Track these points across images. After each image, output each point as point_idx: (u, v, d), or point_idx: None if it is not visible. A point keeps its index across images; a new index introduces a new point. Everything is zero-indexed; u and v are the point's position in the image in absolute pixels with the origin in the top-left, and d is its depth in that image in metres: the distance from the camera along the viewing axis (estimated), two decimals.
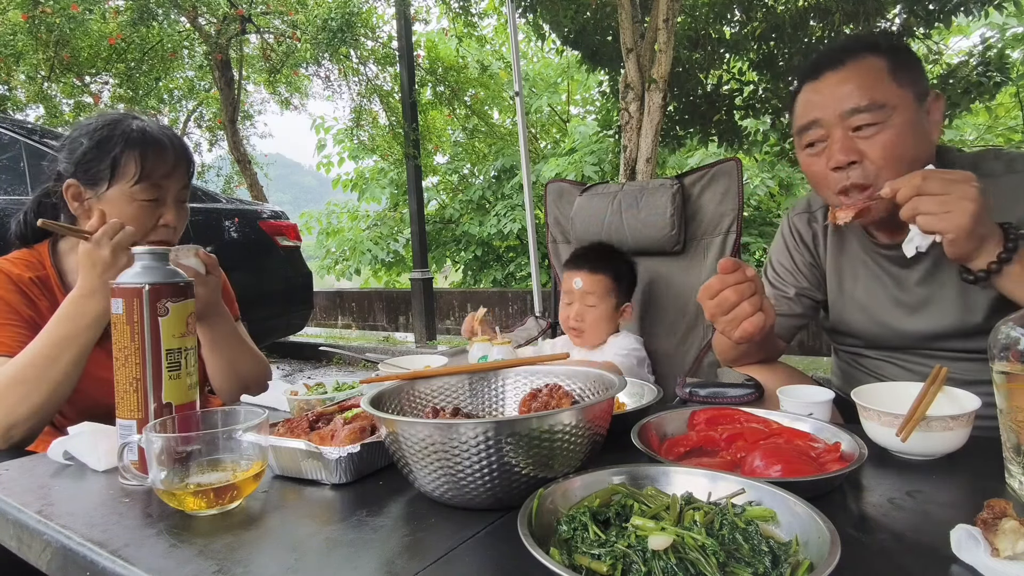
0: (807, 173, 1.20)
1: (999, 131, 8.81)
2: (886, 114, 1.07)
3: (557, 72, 11.24)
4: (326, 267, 10.55)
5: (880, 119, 1.07)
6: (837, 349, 1.47)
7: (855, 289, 1.30)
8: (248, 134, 11.07)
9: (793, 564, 0.55)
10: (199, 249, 1.25)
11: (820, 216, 1.38)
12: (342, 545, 0.67)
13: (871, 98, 1.07)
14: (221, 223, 4.25)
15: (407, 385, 0.95)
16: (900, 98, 1.08)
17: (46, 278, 1.29)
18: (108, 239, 1.12)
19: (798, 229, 1.41)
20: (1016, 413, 0.75)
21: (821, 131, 1.13)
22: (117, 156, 1.22)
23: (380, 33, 8.16)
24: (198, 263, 1.23)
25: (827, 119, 1.12)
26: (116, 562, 0.65)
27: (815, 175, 1.17)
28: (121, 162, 1.22)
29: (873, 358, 1.34)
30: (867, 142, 1.09)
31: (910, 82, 1.09)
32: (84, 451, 0.93)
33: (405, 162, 7.18)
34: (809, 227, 1.40)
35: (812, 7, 5.57)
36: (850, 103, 1.09)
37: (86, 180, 1.24)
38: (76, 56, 7.72)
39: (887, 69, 1.09)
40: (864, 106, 1.07)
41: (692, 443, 0.89)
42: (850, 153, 1.09)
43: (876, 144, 1.08)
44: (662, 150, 6.33)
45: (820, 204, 1.39)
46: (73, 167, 1.24)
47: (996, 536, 0.58)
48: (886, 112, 1.07)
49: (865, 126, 1.08)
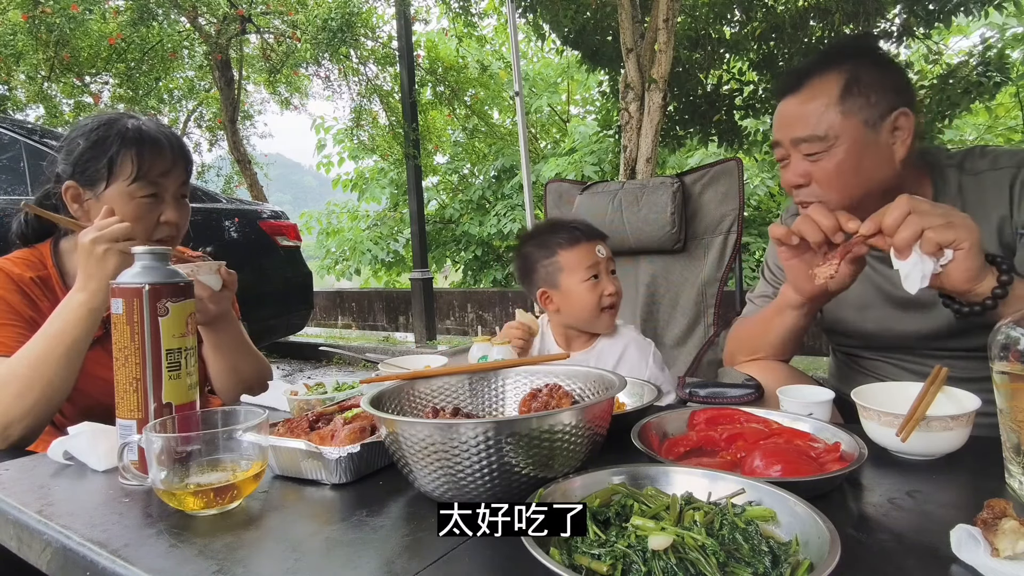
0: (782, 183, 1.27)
1: (999, 131, 8.81)
2: (827, 144, 1.13)
3: (557, 72, 11.24)
4: (326, 267, 10.55)
5: (822, 148, 1.13)
6: (835, 349, 1.47)
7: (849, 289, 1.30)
8: (248, 134, 11.09)
9: (793, 564, 0.55)
10: (221, 266, 1.25)
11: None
12: (342, 545, 0.67)
13: (812, 131, 1.13)
14: (221, 223, 4.25)
15: (407, 385, 0.95)
16: (843, 128, 1.12)
17: (47, 278, 1.29)
18: (98, 230, 1.12)
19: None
20: (1016, 413, 0.75)
21: (782, 151, 1.21)
22: (114, 155, 1.21)
23: (380, 33, 8.17)
24: (217, 280, 1.23)
25: (784, 142, 1.19)
26: (116, 562, 0.65)
27: (785, 187, 1.25)
28: (118, 161, 1.21)
29: (870, 358, 1.35)
30: (815, 166, 1.15)
31: (861, 106, 1.12)
32: (84, 451, 0.93)
33: (405, 162, 7.19)
34: None
35: (812, 7, 5.57)
36: (795, 132, 1.16)
37: (84, 181, 1.23)
38: (76, 56, 7.72)
39: (838, 94, 1.12)
40: (805, 136, 1.14)
41: (692, 443, 0.89)
42: (798, 176, 1.17)
43: (820, 169, 1.15)
44: (662, 150, 6.33)
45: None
46: (71, 168, 1.23)
47: (996, 536, 0.58)
48: (827, 142, 1.13)
49: (812, 153, 1.15)
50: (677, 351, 2.04)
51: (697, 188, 2.04)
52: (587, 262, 1.52)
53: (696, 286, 2.03)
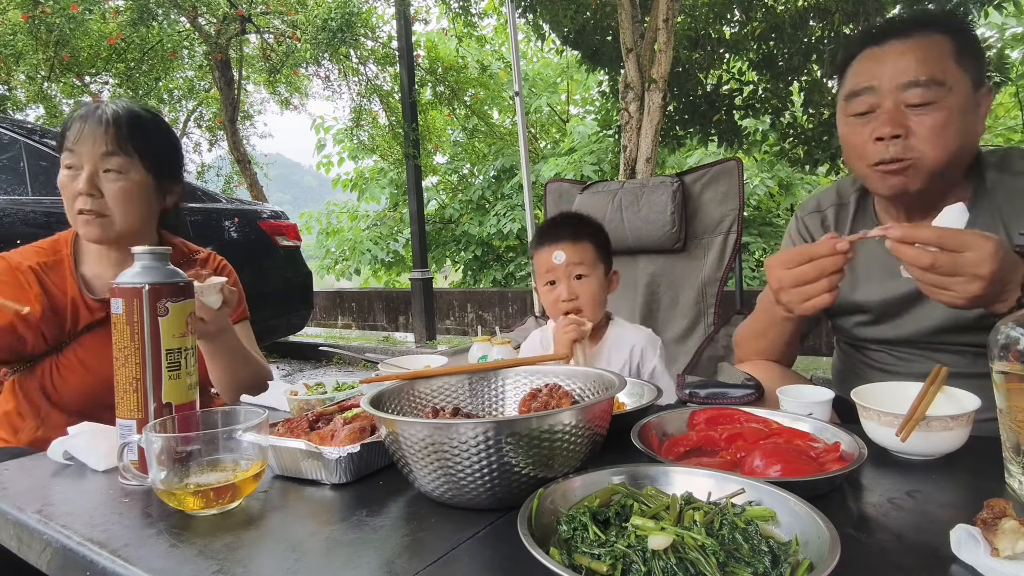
0: (845, 142, 1.18)
1: (999, 131, 8.81)
2: (942, 93, 1.05)
3: (557, 72, 11.24)
4: (326, 267, 10.54)
5: (935, 98, 1.05)
6: (839, 341, 1.44)
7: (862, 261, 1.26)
8: (248, 134, 11.07)
9: (793, 564, 0.55)
10: (224, 285, 1.24)
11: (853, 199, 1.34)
12: (342, 545, 0.67)
13: (931, 73, 1.05)
14: (221, 223, 4.25)
15: (407, 385, 0.95)
16: (958, 81, 1.06)
17: (57, 262, 1.34)
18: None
19: (809, 230, 1.38)
20: (1016, 413, 0.75)
21: (873, 99, 1.11)
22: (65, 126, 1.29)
23: (380, 33, 8.16)
24: (218, 300, 1.22)
25: (882, 88, 1.09)
26: (116, 562, 0.65)
27: (854, 146, 1.15)
28: (62, 133, 1.29)
29: (876, 350, 1.32)
30: (917, 119, 1.07)
31: (970, 67, 1.07)
32: (84, 451, 0.93)
33: (405, 162, 7.18)
34: (822, 227, 1.36)
35: (812, 7, 5.57)
36: (909, 75, 1.07)
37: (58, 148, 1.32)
38: (76, 56, 7.71)
39: (952, 49, 1.07)
40: (923, 80, 1.05)
41: (692, 443, 0.89)
42: (897, 127, 1.07)
43: (925, 122, 1.06)
44: (662, 150, 6.33)
45: (831, 202, 1.36)
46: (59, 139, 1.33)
47: (996, 536, 0.58)
48: (943, 91, 1.05)
49: (919, 104, 1.06)
50: (677, 351, 2.04)
51: (697, 188, 2.04)
52: (543, 268, 1.54)
53: (696, 286, 2.03)
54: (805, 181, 8.66)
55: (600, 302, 1.55)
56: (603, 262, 1.57)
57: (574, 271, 1.52)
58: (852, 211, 1.33)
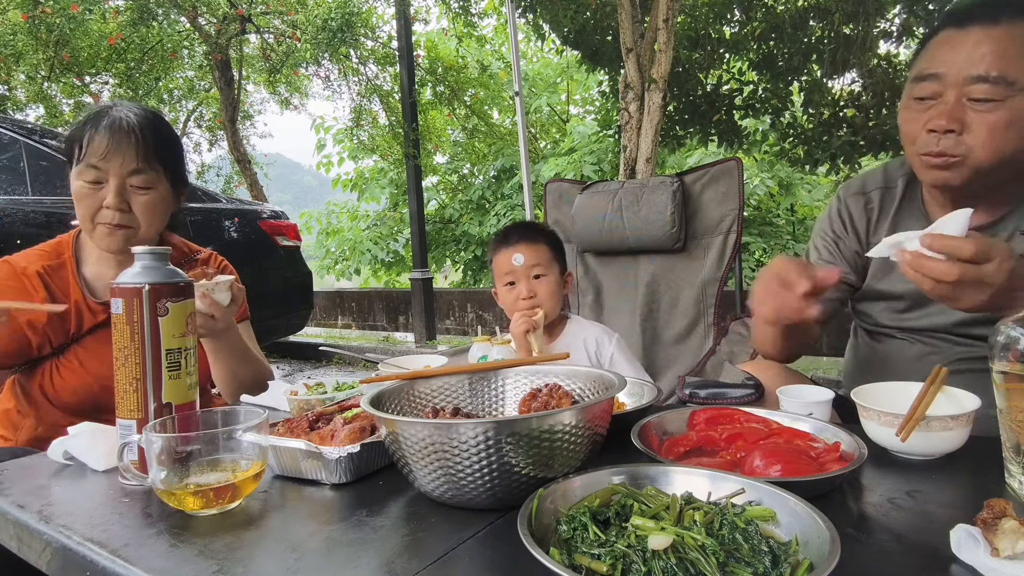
0: (901, 121, 1.14)
1: None
2: (1008, 92, 1.00)
3: (557, 72, 11.24)
4: (326, 267, 10.54)
5: (1001, 96, 1.01)
6: (857, 330, 1.39)
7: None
8: (248, 134, 11.06)
9: (793, 564, 0.55)
10: (234, 282, 1.24)
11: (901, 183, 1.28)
12: (342, 545, 0.67)
13: (1002, 70, 1.00)
14: (221, 223, 4.25)
15: (407, 385, 0.95)
16: None
17: (59, 266, 1.33)
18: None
19: (850, 212, 1.33)
20: (1016, 413, 0.75)
21: (937, 87, 1.06)
22: (74, 137, 1.27)
23: (380, 33, 8.16)
24: (228, 297, 1.22)
25: (949, 77, 1.05)
26: (116, 562, 0.65)
27: (908, 132, 1.12)
28: (77, 143, 1.26)
29: (899, 338, 1.28)
30: (977, 115, 1.03)
31: None
32: (84, 451, 0.93)
33: (405, 162, 7.18)
34: (865, 211, 1.31)
35: (812, 7, 5.57)
36: (979, 69, 1.01)
37: (66, 160, 1.30)
38: (76, 56, 7.71)
39: None
40: (992, 77, 1.01)
41: (692, 443, 0.89)
42: (953, 121, 1.03)
43: (985, 120, 1.02)
44: (662, 150, 6.33)
45: (877, 184, 1.31)
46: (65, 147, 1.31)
47: (996, 536, 0.58)
48: (1011, 90, 1.00)
49: (982, 100, 1.02)
50: (677, 351, 2.04)
51: (697, 188, 2.04)
52: (503, 269, 1.65)
53: (696, 286, 2.03)
54: (805, 181, 8.67)
55: (557, 298, 1.66)
56: (558, 263, 1.68)
57: (532, 271, 1.63)
58: (899, 196, 1.28)
